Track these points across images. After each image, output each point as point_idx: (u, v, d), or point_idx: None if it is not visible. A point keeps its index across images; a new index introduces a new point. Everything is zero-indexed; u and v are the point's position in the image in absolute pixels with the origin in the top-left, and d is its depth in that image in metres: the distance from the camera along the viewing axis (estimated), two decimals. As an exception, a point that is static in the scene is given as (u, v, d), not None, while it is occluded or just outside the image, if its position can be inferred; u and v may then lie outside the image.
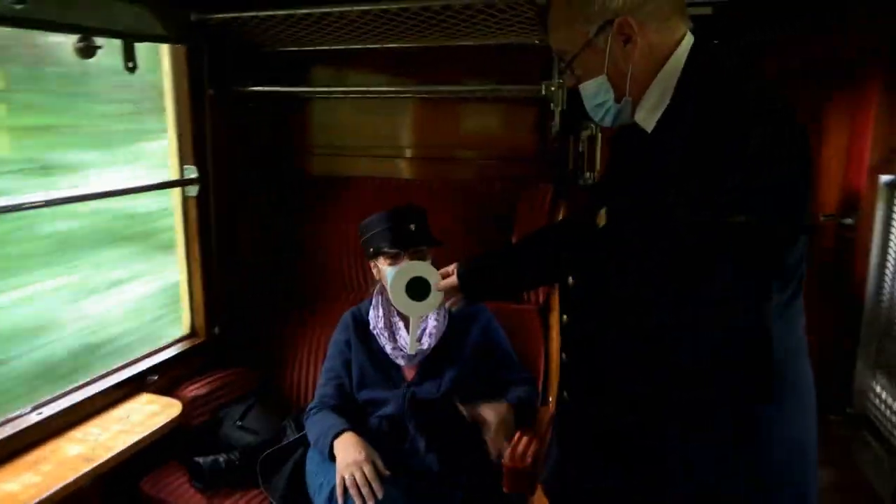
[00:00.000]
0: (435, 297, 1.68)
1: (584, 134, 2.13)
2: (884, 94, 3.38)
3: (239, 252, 2.46)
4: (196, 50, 2.20)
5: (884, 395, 3.12)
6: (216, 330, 2.39)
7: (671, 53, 1.15)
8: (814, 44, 3.24)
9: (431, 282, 1.67)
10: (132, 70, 1.95)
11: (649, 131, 1.17)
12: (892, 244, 3.13)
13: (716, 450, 1.15)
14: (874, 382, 3.22)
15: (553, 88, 2.04)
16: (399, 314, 2.04)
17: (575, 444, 1.33)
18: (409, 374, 2.03)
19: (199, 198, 2.29)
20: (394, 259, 1.93)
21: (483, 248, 2.16)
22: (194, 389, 2.18)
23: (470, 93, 2.24)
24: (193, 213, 2.30)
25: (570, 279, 1.30)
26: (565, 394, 1.34)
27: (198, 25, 2.12)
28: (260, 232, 2.45)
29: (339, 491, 1.78)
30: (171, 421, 1.97)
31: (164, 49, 2.18)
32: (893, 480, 2.20)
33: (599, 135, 2.15)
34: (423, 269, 1.70)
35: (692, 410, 1.14)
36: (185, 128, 2.24)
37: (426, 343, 2.00)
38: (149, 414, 1.98)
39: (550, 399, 2.22)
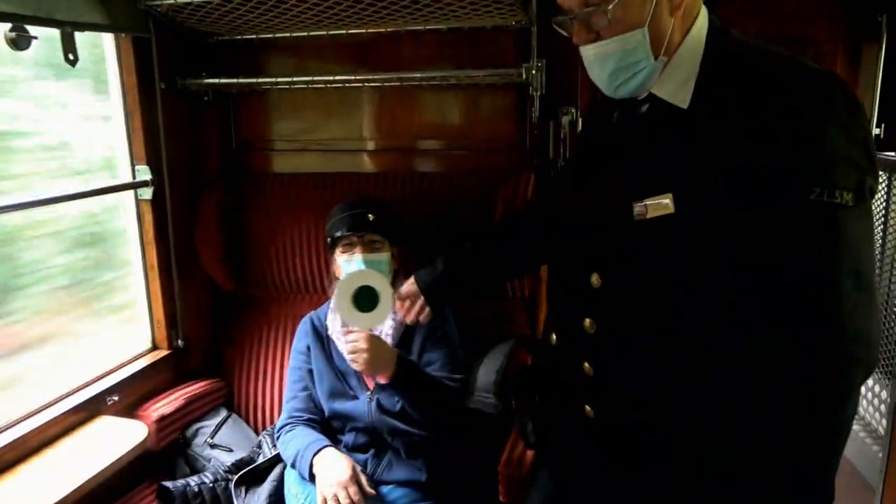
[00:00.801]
0: (383, 310, 1.61)
1: (565, 119, 2.04)
2: (843, 76, 3.43)
3: (199, 257, 2.29)
4: (144, 40, 2.01)
5: (871, 384, 3.15)
6: (180, 342, 2.22)
7: (694, 23, 1.04)
8: (769, 18, 3.29)
9: (380, 292, 1.60)
10: (73, 63, 1.77)
11: (685, 107, 1.03)
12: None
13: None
14: (871, 380, 3.25)
15: (533, 72, 1.94)
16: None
17: (605, 464, 1.19)
18: (370, 381, 1.92)
19: (154, 201, 2.12)
20: (348, 248, 1.85)
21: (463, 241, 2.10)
22: (160, 408, 2.02)
23: (443, 79, 2.11)
24: (148, 217, 2.12)
25: (596, 279, 1.12)
26: (588, 408, 1.18)
27: (146, 13, 1.95)
28: (220, 234, 2.28)
29: None
30: (136, 446, 1.81)
31: (108, 39, 1.99)
32: (884, 471, 2.19)
33: (580, 120, 2.06)
34: (373, 277, 1.64)
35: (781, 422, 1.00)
36: (135, 125, 2.06)
37: None
38: (111, 439, 1.81)
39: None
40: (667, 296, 1.05)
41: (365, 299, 1.61)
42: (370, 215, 1.85)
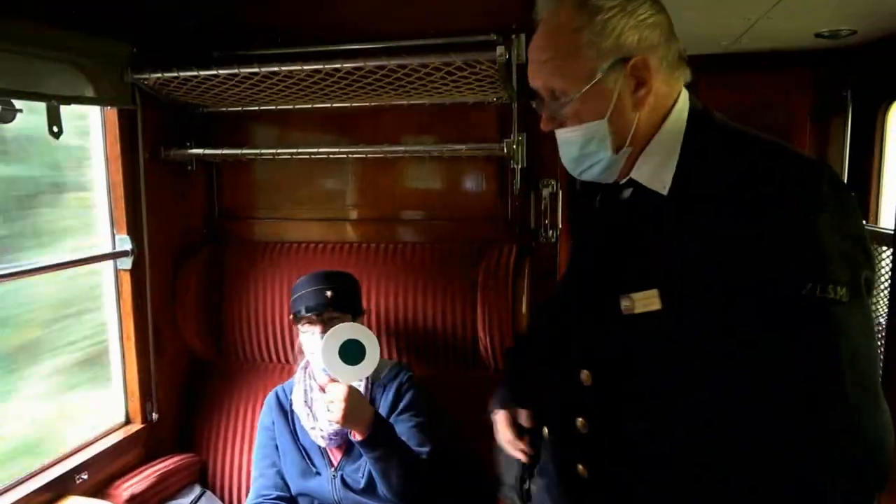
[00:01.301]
0: (370, 362, 1.67)
1: (545, 191, 2.07)
2: (812, 148, 3.57)
3: (177, 328, 2.26)
4: (130, 111, 2.03)
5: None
6: (154, 416, 2.16)
7: (673, 106, 1.05)
8: (744, 88, 3.44)
9: (366, 345, 1.66)
10: (57, 135, 1.77)
11: (664, 193, 1.02)
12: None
13: None
14: None
15: (514, 146, 1.98)
16: (321, 390, 1.87)
17: None
18: (335, 456, 1.90)
19: (133, 271, 2.09)
20: (309, 325, 1.86)
21: (444, 311, 2.10)
22: (131, 486, 1.95)
23: (426, 152, 2.14)
24: (127, 287, 2.09)
25: (586, 376, 1.07)
26: (580, 467, 1.12)
27: (132, 86, 1.97)
28: (201, 303, 2.25)
29: None
30: (107, 529, 1.73)
31: (93, 109, 2.01)
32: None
33: (561, 192, 2.10)
34: (358, 331, 1.68)
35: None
36: (117, 194, 2.06)
37: None
38: (79, 522, 1.73)
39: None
40: (660, 397, 1.01)
41: (351, 352, 1.66)
42: (328, 292, 1.86)
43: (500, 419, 1.41)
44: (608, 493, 1.10)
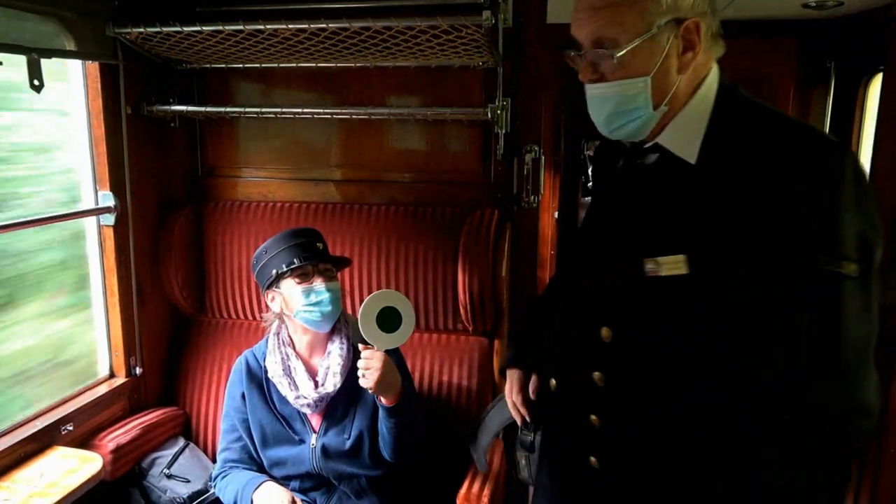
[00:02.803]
0: (406, 330, 1.65)
1: (528, 157, 2.09)
2: (796, 109, 3.59)
3: (161, 284, 2.28)
4: (112, 66, 2.01)
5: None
6: (137, 370, 2.19)
7: (705, 78, 1.07)
8: (734, 57, 3.45)
9: (403, 313, 1.65)
10: (38, 89, 1.75)
11: (693, 162, 1.05)
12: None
13: None
14: None
15: (498, 111, 1.99)
16: (298, 356, 1.88)
17: None
18: (316, 422, 1.87)
19: (117, 227, 2.10)
20: (303, 278, 1.79)
21: (426, 273, 2.14)
22: (116, 438, 1.99)
23: (410, 114, 2.15)
24: (110, 243, 2.10)
25: (607, 332, 1.12)
26: (593, 460, 1.18)
27: (114, 40, 1.94)
28: (184, 260, 2.27)
29: None
30: (92, 478, 1.77)
31: (75, 63, 1.99)
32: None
33: (543, 157, 2.12)
34: (397, 299, 1.66)
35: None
36: (99, 150, 2.05)
37: (331, 385, 1.83)
38: (65, 471, 1.77)
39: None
40: (679, 353, 1.05)
41: (387, 320, 1.65)
42: (319, 244, 1.83)
43: (514, 378, 1.49)
44: (618, 443, 1.16)
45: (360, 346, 1.68)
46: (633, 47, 1.01)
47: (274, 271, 1.80)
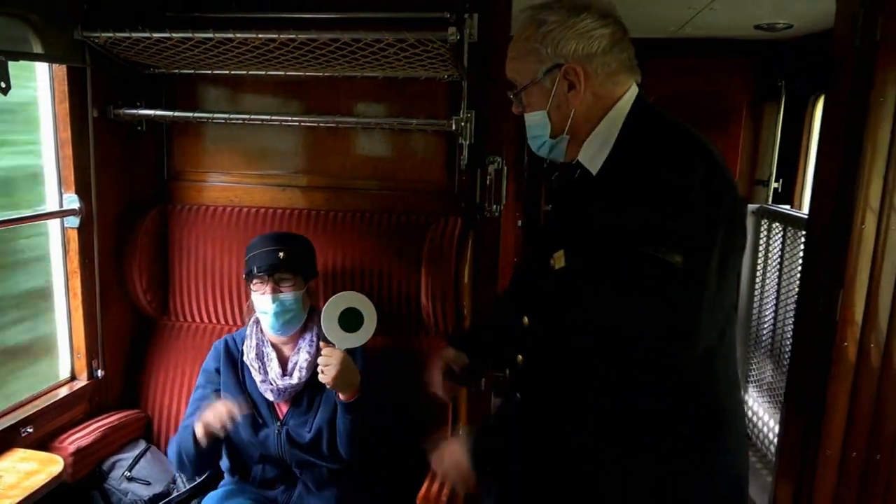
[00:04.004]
0: (366, 330, 1.74)
1: (491, 168, 2.16)
2: (747, 133, 3.76)
3: (125, 287, 2.28)
4: (79, 68, 2.01)
5: (756, 408, 3.40)
6: (99, 373, 2.19)
7: (615, 103, 1.23)
8: (692, 75, 3.60)
9: (365, 314, 1.73)
10: (5, 91, 1.76)
11: (594, 173, 1.23)
12: (758, 269, 3.44)
13: (665, 483, 1.22)
14: (747, 397, 3.51)
15: (462, 123, 2.06)
16: (272, 345, 1.98)
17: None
18: (281, 410, 1.97)
19: (81, 229, 2.10)
20: (259, 285, 1.90)
21: (390, 278, 2.19)
22: (77, 440, 1.99)
23: (377, 124, 2.20)
24: (74, 245, 2.10)
25: (525, 319, 1.33)
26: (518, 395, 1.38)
27: (83, 43, 1.95)
28: (149, 263, 2.28)
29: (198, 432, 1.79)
30: (52, 480, 1.77)
31: (41, 66, 1.99)
32: (771, 490, 2.39)
33: (505, 168, 2.19)
34: (358, 300, 1.75)
35: (643, 443, 1.21)
36: (65, 153, 2.05)
37: (297, 377, 1.93)
38: (25, 473, 1.76)
39: (460, 429, 2.21)
40: (569, 331, 1.22)
41: (350, 320, 1.73)
42: (281, 253, 1.89)
43: (436, 355, 1.64)
44: (538, 419, 1.28)
45: (322, 344, 1.79)
46: (525, 90, 1.26)
47: (245, 270, 1.94)
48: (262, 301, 1.90)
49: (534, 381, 1.32)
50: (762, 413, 3.31)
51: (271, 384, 1.92)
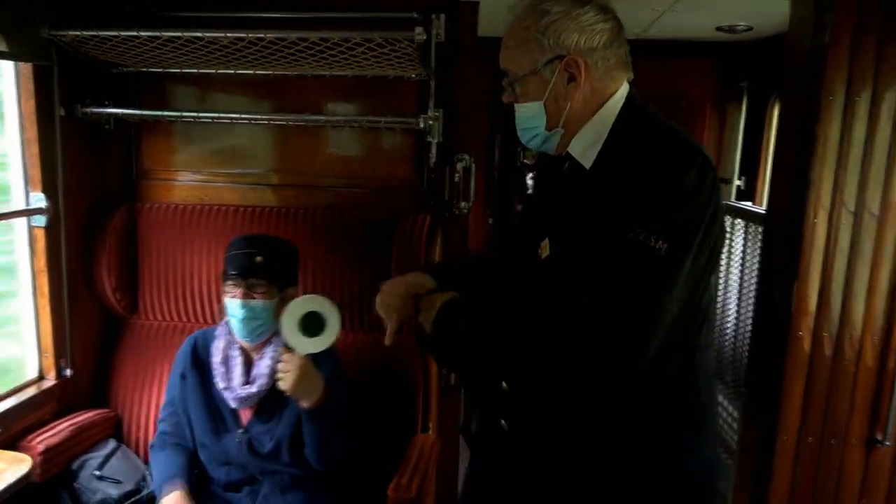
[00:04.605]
0: (329, 335, 1.66)
1: (460, 165, 2.20)
2: (711, 133, 3.86)
3: (93, 286, 2.27)
4: (46, 67, 2.01)
5: (720, 399, 3.49)
6: (68, 372, 2.18)
7: (609, 99, 1.24)
8: (659, 75, 3.68)
9: (327, 317, 1.65)
10: (-31, 88, 1.75)
11: (588, 167, 1.24)
12: (722, 265, 3.54)
13: (655, 470, 1.25)
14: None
15: (430, 121, 2.09)
16: (240, 348, 1.92)
17: (520, 472, 1.35)
18: (245, 416, 1.91)
19: (49, 228, 2.09)
20: (232, 287, 1.84)
21: (360, 274, 2.21)
22: (45, 440, 1.98)
23: (346, 122, 2.23)
24: (41, 245, 2.09)
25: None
26: (503, 423, 1.35)
27: (49, 41, 1.95)
28: (118, 262, 2.27)
29: None
30: (21, 479, 1.77)
31: (7, 64, 1.98)
32: (732, 479, 2.47)
33: (473, 166, 2.23)
34: (320, 303, 1.67)
35: (632, 433, 1.23)
36: (31, 151, 2.04)
37: (258, 385, 1.87)
38: (-7, 472, 1.76)
39: (430, 426, 2.25)
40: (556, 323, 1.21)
41: (311, 324, 1.65)
42: (258, 258, 1.82)
43: (401, 279, 1.52)
44: (525, 407, 1.32)
45: (282, 350, 1.71)
46: (523, 80, 1.24)
47: (222, 271, 1.89)
48: (232, 305, 1.84)
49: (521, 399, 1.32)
50: (727, 404, 3.41)
51: (233, 392, 1.87)
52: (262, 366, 1.88)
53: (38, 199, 2.06)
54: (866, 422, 2.19)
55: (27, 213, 2.05)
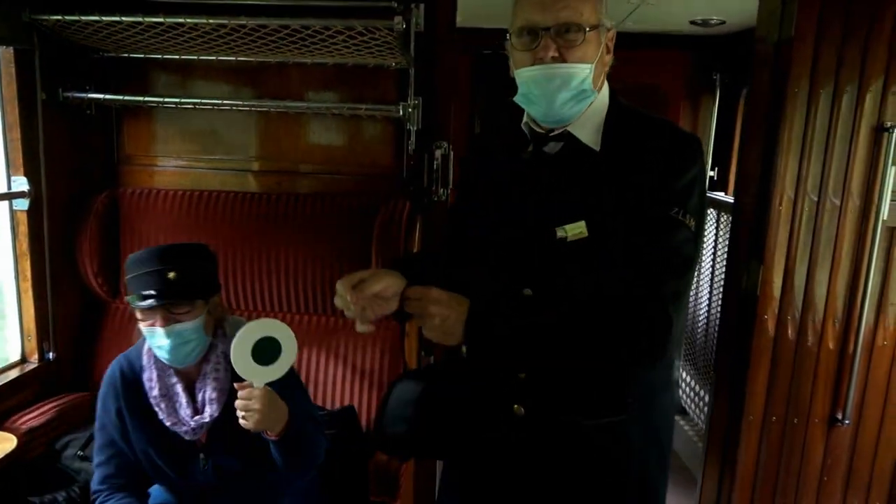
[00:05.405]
0: (286, 358, 1.50)
1: (438, 152, 2.25)
2: (685, 124, 3.93)
3: (76, 269, 2.29)
4: (27, 51, 2.02)
5: (693, 384, 3.59)
6: (51, 355, 2.21)
7: (605, 84, 1.32)
8: (626, 67, 3.74)
9: (281, 339, 1.49)
10: (-49, 72, 1.77)
11: (597, 149, 1.28)
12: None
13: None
14: (685, 374, 3.70)
15: (410, 109, 2.14)
16: (178, 376, 1.66)
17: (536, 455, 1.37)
18: (201, 442, 1.68)
19: (30, 212, 2.11)
20: (145, 315, 1.56)
21: (340, 261, 2.25)
22: (29, 420, 2.01)
23: (327, 109, 2.27)
24: (23, 228, 2.11)
25: (528, 292, 1.30)
26: (516, 407, 1.35)
27: (30, 26, 1.96)
28: (100, 246, 2.30)
29: None
30: (6, 457, 1.80)
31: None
32: (702, 456, 2.56)
33: (452, 153, 2.28)
34: (274, 327, 1.50)
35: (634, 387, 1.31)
36: (13, 135, 2.06)
37: (208, 412, 1.64)
38: (-24, 451, 1.79)
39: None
40: (580, 298, 1.25)
41: (265, 351, 1.48)
42: (171, 273, 1.53)
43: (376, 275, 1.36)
44: (544, 389, 1.34)
45: (236, 385, 1.51)
46: (586, 35, 1.21)
47: (127, 295, 1.61)
48: (154, 335, 1.56)
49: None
50: (698, 388, 3.51)
51: (184, 425, 1.63)
52: (208, 389, 1.65)
53: (20, 183, 2.08)
54: (828, 402, 2.30)
55: (9, 196, 2.07)
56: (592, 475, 1.37)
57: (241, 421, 1.50)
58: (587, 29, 1.21)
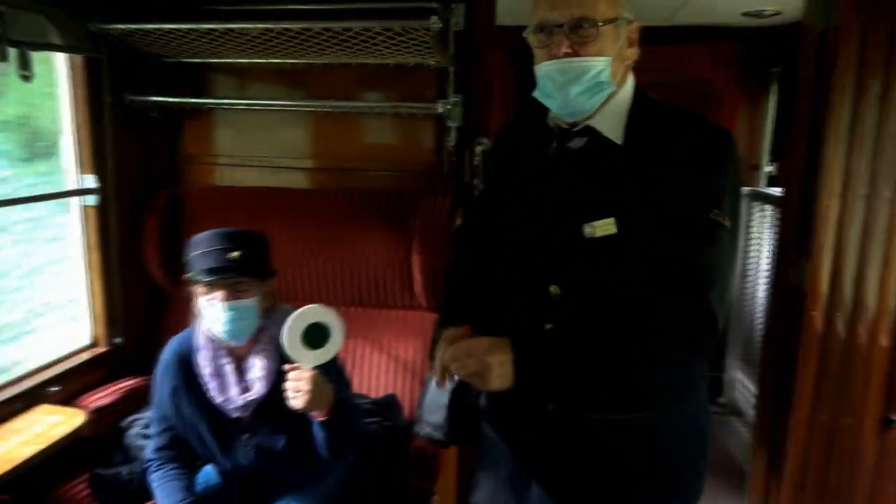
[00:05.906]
0: (334, 344, 1.58)
1: (479, 149, 2.30)
2: (742, 119, 3.83)
3: (142, 262, 2.46)
4: (96, 58, 2.19)
5: (749, 385, 3.51)
6: (118, 340, 2.37)
7: (629, 77, 1.32)
8: (675, 62, 3.67)
9: (331, 328, 1.57)
10: (28, 79, 1.94)
11: (619, 143, 1.27)
12: (750, 253, 3.54)
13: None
14: (742, 374, 3.62)
15: (449, 107, 2.20)
16: (230, 356, 1.78)
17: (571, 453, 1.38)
18: (247, 421, 1.79)
19: (99, 207, 2.28)
20: (207, 289, 1.68)
21: (385, 252, 2.32)
22: (97, 400, 2.17)
23: (370, 108, 2.36)
24: (92, 222, 2.28)
25: (555, 289, 1.30)
26: (550, 406, 1.37)
27: (98, 35, 2.12)
28: (163, 238, 2.46)
29: None
30: (76, 430, 1.96)
31: (60, 55, 2.16)
32: (749, 449, 2.51)
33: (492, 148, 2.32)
34: (323, 314, 1.58)
35: (678, 388, 1.33)
36: (83, 136, 2.23)
37: (256, 391, 1.75)
38: (51, 424, 1.96)
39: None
40: (610, 296, 1.25)
41: (314, 335, 1.56)
42: (234, 252, 1.67)
43: (446, 337, 1.40)
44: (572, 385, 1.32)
45: (286, 367, 1.60)
46: (601, 30, 1.21)
47: (189, 272, 1.73)
48: (215, 309, 1.68)
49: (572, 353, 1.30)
50: (743, 378, 3.44)
51: (232, 402, 1.76)
52: (257, 368, 1.76)
53: (89, 181, 2.24)
54: (881, 402, 2.22)
55: (79, 192, 2.24)
56: (625, 469, 1.37)
57: (290, 401, 1.58)
58: (601, 23, 1.21)
